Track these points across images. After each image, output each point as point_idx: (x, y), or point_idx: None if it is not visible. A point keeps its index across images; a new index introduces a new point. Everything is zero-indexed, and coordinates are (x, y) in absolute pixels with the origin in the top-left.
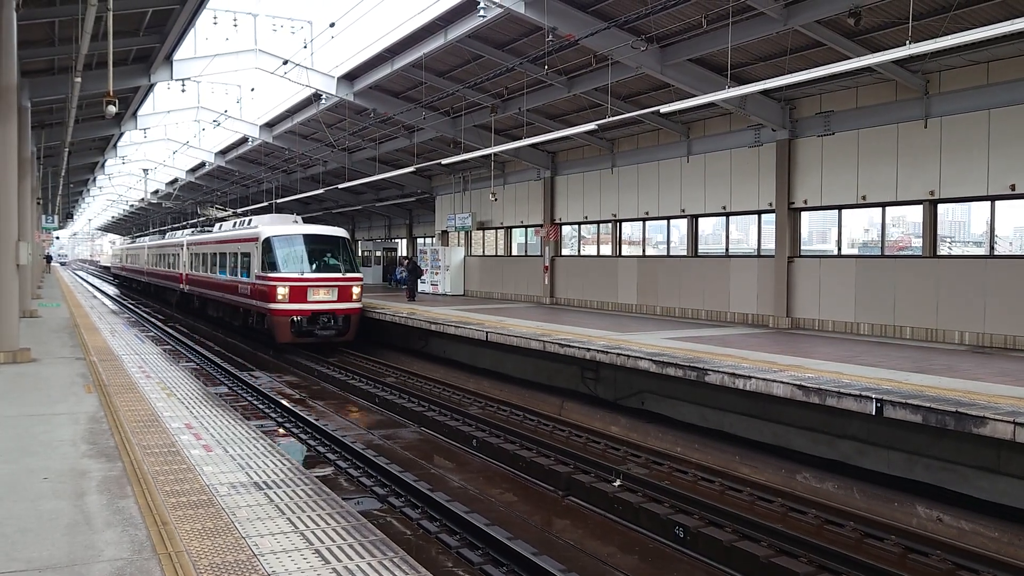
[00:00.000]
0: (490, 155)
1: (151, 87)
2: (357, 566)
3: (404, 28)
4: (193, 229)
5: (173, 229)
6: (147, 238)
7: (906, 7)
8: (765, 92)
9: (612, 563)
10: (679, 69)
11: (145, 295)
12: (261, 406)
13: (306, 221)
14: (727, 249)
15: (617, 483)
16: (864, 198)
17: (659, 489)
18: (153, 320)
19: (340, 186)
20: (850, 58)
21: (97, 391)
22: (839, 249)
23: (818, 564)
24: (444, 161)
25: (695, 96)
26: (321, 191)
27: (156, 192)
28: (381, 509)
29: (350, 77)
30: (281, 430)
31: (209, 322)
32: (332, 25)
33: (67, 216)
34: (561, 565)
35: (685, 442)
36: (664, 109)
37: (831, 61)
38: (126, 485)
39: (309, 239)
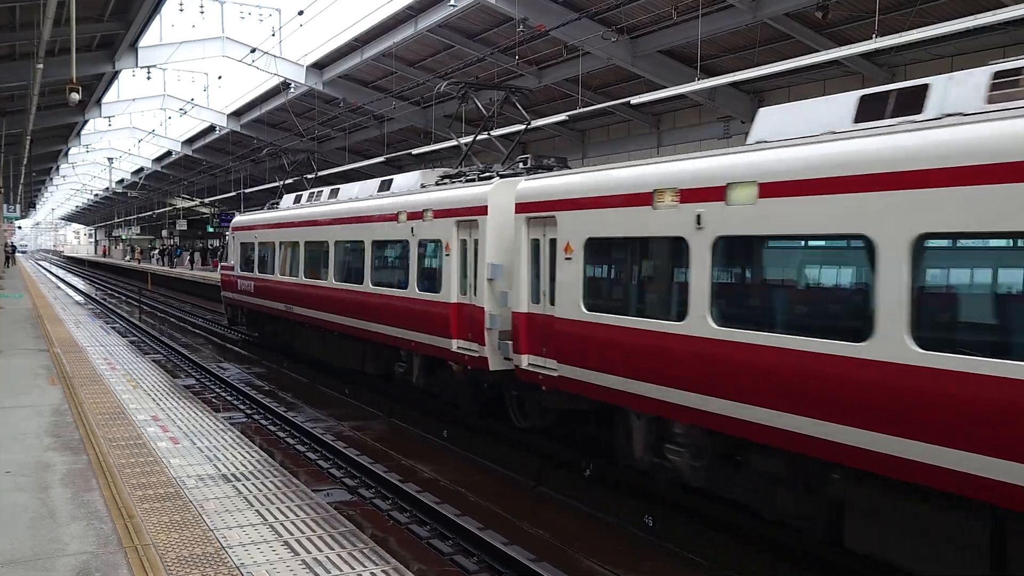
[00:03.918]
0: (461, 145)
1: (115, 74)
2: (327, 557)
3: (374, 17)
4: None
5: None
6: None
7: (872, 1)
8: (734, 84)
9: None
10: (649, 61)
11: None
12: (230, 398)
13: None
14: None
15: (587, 472)
16: None
17: None
18: (118, 311)
19: (309, 176)
20: (818, 51)
21: (61, 383)
22: None
23: None
24: (415, 151)
25: (665, 88)
26: (290, 180)
27: (121, 181)
28: (351, 501)
29: (319, 66)
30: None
31: None
32: (301, 13)
33: (29, 205)
34: (531, 554)
35: None
36: (635, 100)
37: (799, 54)
38: (91, 478)
39: None
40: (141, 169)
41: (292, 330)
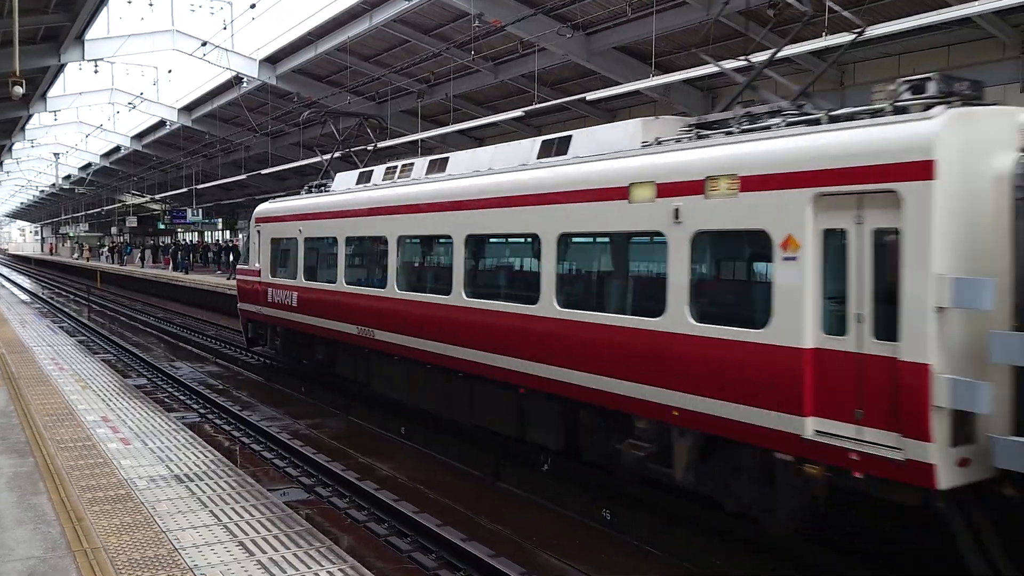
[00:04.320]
0: (417, 141)
1: (61, 67)
2: (283, 557)
3: (328, 11)
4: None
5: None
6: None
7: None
8: (688, 81)
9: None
10: (605, 57)
11: None
12: (183, 397)
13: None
14: None
15: (545, 467)
16: None
17: None
18: (66, 310)
19: (264, 171)
20: (769, 48)
21: (6, 384)
22: None
23: None
24: (370, 147)
25: (620, 84)
26: (243, 176)
27: (68, 177)
28: (308, 500)
29: (272, 60)
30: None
31: None
32: (253, 6)
33: None
34: (490, 550)
35: None
36: (590, 97)
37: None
38: (38, 481)
39: None
40: (89, 165)
41: (367, 362)
